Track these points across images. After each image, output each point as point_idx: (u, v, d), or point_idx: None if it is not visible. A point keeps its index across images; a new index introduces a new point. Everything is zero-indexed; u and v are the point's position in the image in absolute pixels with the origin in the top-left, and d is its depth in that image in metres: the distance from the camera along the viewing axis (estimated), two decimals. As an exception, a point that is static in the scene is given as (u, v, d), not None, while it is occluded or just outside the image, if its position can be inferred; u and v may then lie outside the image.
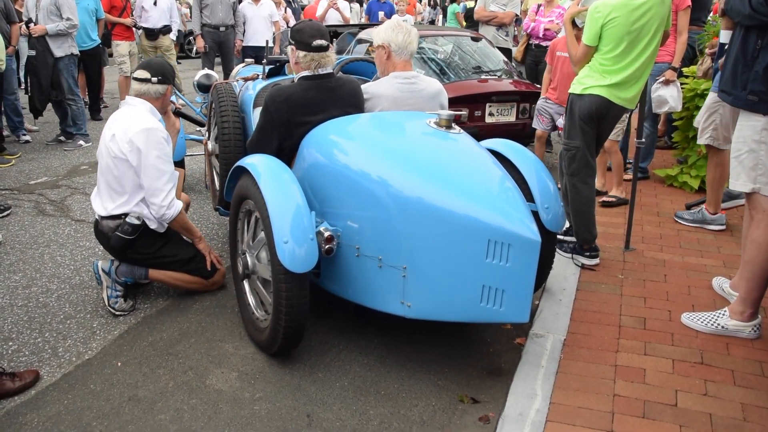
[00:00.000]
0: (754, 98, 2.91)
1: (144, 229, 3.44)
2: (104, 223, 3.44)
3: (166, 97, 3.56)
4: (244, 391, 2.81)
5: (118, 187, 3.40)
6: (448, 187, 2.65)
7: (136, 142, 3.29)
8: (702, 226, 4.59)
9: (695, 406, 2.57)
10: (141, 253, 3.48)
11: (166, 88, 3.51)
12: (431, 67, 5.88)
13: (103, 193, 3.48)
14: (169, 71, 3.55)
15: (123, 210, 3.42)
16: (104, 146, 3.40)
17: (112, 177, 3.39)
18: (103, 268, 3.50)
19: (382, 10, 10.54)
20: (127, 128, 3.32)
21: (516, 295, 2.54)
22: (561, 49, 5.51)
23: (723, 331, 3.11)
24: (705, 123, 4.39)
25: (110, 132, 3.38)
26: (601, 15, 3.62)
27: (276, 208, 2.76)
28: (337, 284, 3.00)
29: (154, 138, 3.33)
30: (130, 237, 3.39)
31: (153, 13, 8.88)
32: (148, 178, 3.35)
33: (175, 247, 3.58)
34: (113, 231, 3.40)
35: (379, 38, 3.49)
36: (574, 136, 3.83)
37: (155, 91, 3.48)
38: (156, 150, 3.34)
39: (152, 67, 3.50)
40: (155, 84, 3.47)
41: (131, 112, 3.42)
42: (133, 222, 3.39)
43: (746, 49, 2.94)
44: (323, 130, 3.19)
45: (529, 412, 2.55)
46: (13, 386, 2.75)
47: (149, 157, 3.32)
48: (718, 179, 4.50)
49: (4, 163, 6.32)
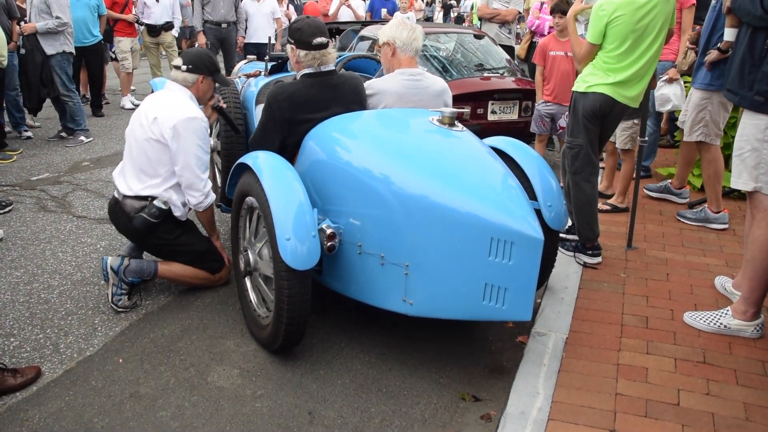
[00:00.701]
0: (760, 99, 2.90)
1: (168, 215, 3.46)
2: (127, 202, 3.44)
3: (201, 86, 3.53)
4: (246, 388, 2.80)
5: (150, 169, 3.41)
6: (451, 185, 2.64)
7: (180, 130, 3.31)
8: (705, 225, 4.59)
9: (698, 406, 2.56)
10: (160, 239, 3.49)
11: (196, 78, 3.49)
12: (434, 64, 5.87)
13: (129, 172, 3.48)
14: (207, 62, 3.52)
15: (151, 192, 3.43)
16: (140, 127, 3.40)
17: (145, 159, 3.39)
18: (112, 266, 3.45)
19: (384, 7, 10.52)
20: (171, 114, 3.33)
21: (518, 294, 2.53)
22: (553, 49, 5.50)
23: (725, 331, 3.10)
24: (695, 120, 4.42)
25: (151, 114, 3.37)
26: (606, 13, 3.61)
27: (278, 205, 2.76)
28: (339, 282, 2.99)
29: (198, 127, 3.36)
30: (155, 221, 3.40)
31: (155, 9, 8.89)
32: (189, 167, 3.37)
33: (192, 238, 3.60)
34: (137, 212, 3.41)
35: (384, 36, 3.50)
36: (577, 134, 3.82)
37: (183, 78, 3.48)
38: (200, 140, 3.37)
39: (187, 56, 3.53)
40: (184, 72, 3.47)
41: (172, 98, 3.44)
42: (161, 206, 3.41)
43: (754, 50, 2.92)
44: (325, 127, 3.19)
45: (531, 410, 2.54)
46: (15, 382, 2.75)
47: (192, 146, 3.34)
48: (714, 176, 4.52)
49: (5, 159, 6.31)
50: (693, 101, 4.45)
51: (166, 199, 3.44)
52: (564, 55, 5.47)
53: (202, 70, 3.50)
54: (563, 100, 5.48)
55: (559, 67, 5.47)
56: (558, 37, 5.55)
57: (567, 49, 5.47)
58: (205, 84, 3.54)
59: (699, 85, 4.39)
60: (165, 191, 3.44)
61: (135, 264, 3.48)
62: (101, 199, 5.25)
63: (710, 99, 4.35)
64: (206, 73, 3.52)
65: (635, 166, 4.45)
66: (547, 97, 5.55)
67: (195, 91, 3.53)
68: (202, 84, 3.52)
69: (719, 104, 4.34)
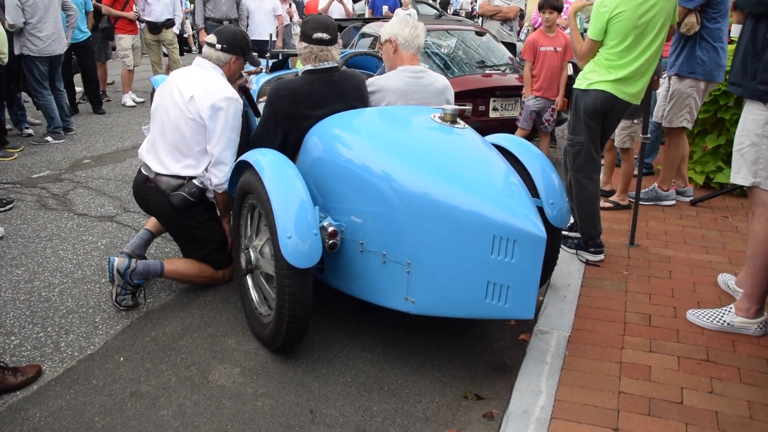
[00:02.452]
0: (763, 87, 2.92)
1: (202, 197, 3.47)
2: (163, 180, 3.43)
3: (233, 66, 3.54)
4: (247, 387, 2.80)
5: (185, 147, 3.40)
6: (453, 183, 2.63)
7: (219, 109, 3.30)
8: (657, 203, 4.90)
9: (701, 404, 2.55)
10: (192, 219, 3.47)
11: (229, 58, 3.49)
12: (435, 61, 5.86)
13: (162, 151, 3.45)
14: (241, 42, 3.53)
15: (191, 173, 3.43)
16: (174, 105, 3.38)
17: (179, 137, 3.38)
18: (119, 268, 3.39)
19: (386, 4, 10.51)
20: (209, 92, 3.32)
21: (521, 292, 2.52)
22: (543, 44, 5.49)
23: (729, 328, 3.09)
24: (680, 106, 4.59)
25: (187, 93, 3.35)
26: (608, 9, 3.59)
27: (279, 203, 2.75)
28: (341, 280, 2.98)
29: (235, 109, 3.36)
30: (193, 200, 3.40)
31: (156, 6, 8.88)
32: (220, 147, 3.37)
33: (217, 227, 3.61)
34: (174, 189, 3.40)
35: (386, 33, 3.50)
36: (578, 131, 3.81)
37: (217, 57, 3.48)
38: (235, 121, 3.38)
39: (221, 34, 3.51)
40: (218, 51, 3.47)
41: (207, 76, 3.43)
42: (200, 185, 3.42)
43: (756, 40, 2.95)
44: (327, 124, 3.17)
45: (533, 409, 2.53)
46: (16, 381, 2.75)
47: (227, 128, 3.34)
48: (677, 158, 4.82)
49: (6, 157, 6.30)
50: (678, 89, 4.58)
51: (203, 180, 3.45)
52: (553, 50, 5.47)
53: (236, 51, 3.51)
54: (550, 94, 5.50)
55: (549, 62, 5.46)
56: (547, 33, 5.53)
57: (556, 45, 5.46)
58: (237, 64, 3.56)
59: (685, 72, 4.52)
60: (203, 172, 3.45)
61: (142, 266, 3.43)
62: (102, 197, 5.24)
63: (696, 86, 4.53)
64: (240, 53, 3.53)
65: (637, 163, 4.45)
66: (536, 92, 5.54)
67: (227, 70, 3.53)
68: (234, 64, 3.54)
69: (703, 92, 4.59)
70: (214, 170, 3.42)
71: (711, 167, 5.25)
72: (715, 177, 5.22)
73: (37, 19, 6.64)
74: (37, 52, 6.72)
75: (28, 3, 6.53)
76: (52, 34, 6.82)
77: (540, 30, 5.63)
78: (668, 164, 4.86)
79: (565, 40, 5.51)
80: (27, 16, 6.56)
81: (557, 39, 5.50)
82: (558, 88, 5.53)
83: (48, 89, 6.98)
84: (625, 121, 4.70)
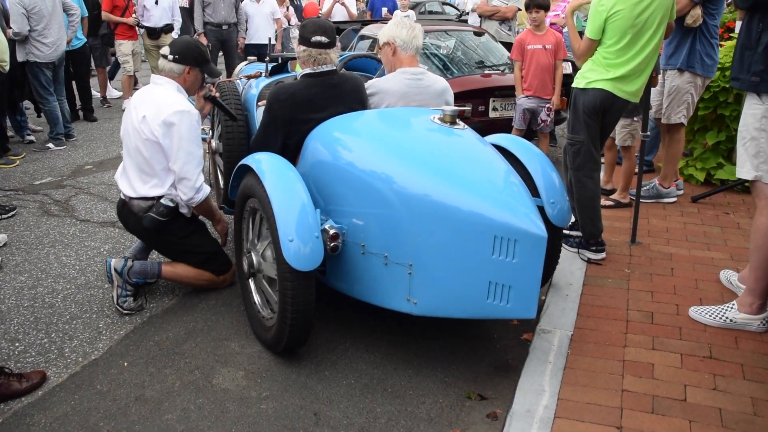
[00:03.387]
0: (756, 79, 2.97)
1: (176, 213, 3.45)
2: (134, 203, 3.43)
3: (188, 78, 3.47)
4: (251, 390, 2.80)
5: (148, 168, 3.39)
6: (454, 183, 2.63)
7: (170, 125, 3.26)
8: (658, 201, 4.89)
9: (704, 401, 2.55)
10: (171, 236, 3.47)
11: (182, 68, 3.43)
12: (434, 62, 5.86)
13: (131, 173, 3.45)
14: (195, 53, 3.46)
15: (157, 192, 3.41)
16: (132, 127, 3.36)
17: (142, 159, 3.37)
18: (116, 267, 3.47)
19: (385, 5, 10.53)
20: (159, 110, 3.28)
21: (522, 291, 2.53)
22: (531, 43, 5.48)
23: (731, 325, 3.09)
24: (678, 102, 4.61)
25: (140, 113, 3.32)
26: (605, 8, 3.59)
27: (281, 207, 2.75)
28: (343, 282, 2.99)
29: (189, 122, 3.30)
30: (164, 219, 3.39)
31: (155, 12, 8.89)
32: (180, 162, 3.33)
33: (203, 239, 3.59)
34: (145, 211, 3.39)
35: (384, 36, 3.51)
36: (578, 130, 3.81)
37: (170, 68, 3.44)
38: (189, 133, 3.31)
39: (174, 45, 3.48)
40: (170, 62, 3.42)
41: (160, 92, 3.39)
42: (168, 204, 3.39)
43: (750, 34, 3.01)
44: (327, 127, 3.18)
45: (537, 408, 2.54)
46: (20, 387, 2.76)
47: (182, 141, 3.29)
48: (677, 155, 4.86)
49: (8, 164, 6.32)
50: (677, 84, 4.59)
51: (172, 197, 3.42)
52: (542, 48, 5.44)
53: (189, 61, 3.44)
54: (543, 93, 5.47)
55: (537, 60, 5.44)
56: (535, 31, 5.52)
57: (545, 42, 5.44)
58: (192, 75, 3.48)
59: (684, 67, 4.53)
60: (169, 189, 3.43)
61: (139, 265, 3.48)
62: (104, 203, 5.25)
63: (694, 82, 4.56)
64: (193, 64, 3.46)
65: (637, 161, 4.45)
66: (527, 91, 5.52)
67: (182, 82, 3.47)
68: (188, 75, 3.47)
69: (699, 87, 4.62)
70: (180, 186, 3.39)
71: (712, 164, 5.24)
72: (715, 173, 5.21)
73: (43, 26, 6.69)
74: (43, 58, 6.77)
75: (34, 10, 6.58)
76: (57, 40, 6.89)
77: (528, 29, 5.61)
78: (669, 161, 4.87)
79: (555, 38, 5.47)
80: (32, 23, 6.61)
81: (546, 37, 5.46)
82: (552, 87, 5.50)
83: (53, 95, 7.04)
84: (625, 119, 4.70)
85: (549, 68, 5.45)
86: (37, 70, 6.81)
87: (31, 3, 6.54)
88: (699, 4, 4.33)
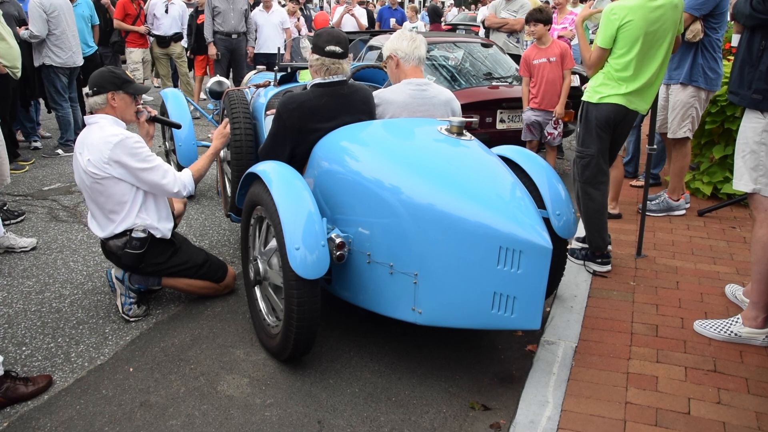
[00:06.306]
0: (758, 96, 2.98)
1: (152, 240, 3.43)
2: (110, 243, 3.41)
3: (115, 103, 3.38)
4: (255, 397, 2.81)
5: (114, 205, 3.35)
6: (460, 194, 2.65)
7: (116, 158, 3.23)
8: (669, 214, 4.92)
9: (708, 415, 2.55)
10: (154, 265, 3.47)
11: (105, 97, 3.34)
12: (442, 73, 5.88)
13: (98, 217, 3.44)
14: (109, 78, 3.38)
15: (125, 226, 3.38)
16: (83, 173, 3.30)
17: (103, 199, 3.34)
18: (117, 275, 3.51)
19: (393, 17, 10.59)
20: (100, 149, 3.23)
21: (527, 302, 2.53)
22: (536, 57, 5.49)
23: (736, 339, 3.08)
24: (683, 116, 4.66)
25: (84, 158, 3.28)
26: (618, 17, 3.60)
27: (287, 215, 2.77)
28: (349, 290, 3.00)
29: (129, 145, 3.25)
30: (140, 251, 3.37)
31: (164, 20, 8.98)
32: (145, 182, 3.33)
33: (186, 254, 3.58)
34: (122, 249, 3.37)
35: (387, 50, 3.56)
36: (588, 143, 3.81)
37: (94, 102, 3.37)
38: (137, 152, 3.28)
39: (90, 80, 3.40)
40: (91, 96, 3.37)
41: (95, 132, 3.31)
42: (140, 236, 3.36)
43: (752, 50, 3.02)
44: (335, 136, 3.20)
45: (540, 419, 2.54)
46: (27, 391, 2.77)
47: (134, 168, 3.27)
48: (684, 168, 4.88)
49: (18, 170, 6.37)
50: (681, 99, 4.63)
51: (143, 227, 3.39)
52: (546, 61, 5.45)
53: (107, 87, 3.36)
54: (549, 106, 5.48)
55: (544, 74, 5.45)
56: (539, 45, 5.54)
57: (549, 55, 5.44)
58: (118, 100, 3.38)
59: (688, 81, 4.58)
60: (137, 218, 3.38)
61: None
62: (112, 209, 5.28)
63: (698, 96, 4.61)
64: (113, 89, 3.36)
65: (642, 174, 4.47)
66: (534, 104, 5.54)
67: (113, 112, 3.39)
68: (114, 101, 3.37)
69: (704, 101, 4.66)
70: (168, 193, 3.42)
71: (718, 177, 5.24)
72: (722, 187, 5.21)
73: (60, 31, 6.80)
74: (61, 63, 6.87)
75: (54, 14, 6.68)
76: (73, 46, 6.99)
77: (533, 44, 5.64)
78: (676, 174, 4.88)
79: (560, 48, 5.47)
80: (51, 27, 6.71)
81: (550, 49, 5.47)
82: (558, 97, 5.50)
83: (68, 101, 7.14)
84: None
85: (555, 81, 5.45)
86: (53, 76, 6.91)
87: (51, 6, 6.65)
88: (699, 19, 4.35)
